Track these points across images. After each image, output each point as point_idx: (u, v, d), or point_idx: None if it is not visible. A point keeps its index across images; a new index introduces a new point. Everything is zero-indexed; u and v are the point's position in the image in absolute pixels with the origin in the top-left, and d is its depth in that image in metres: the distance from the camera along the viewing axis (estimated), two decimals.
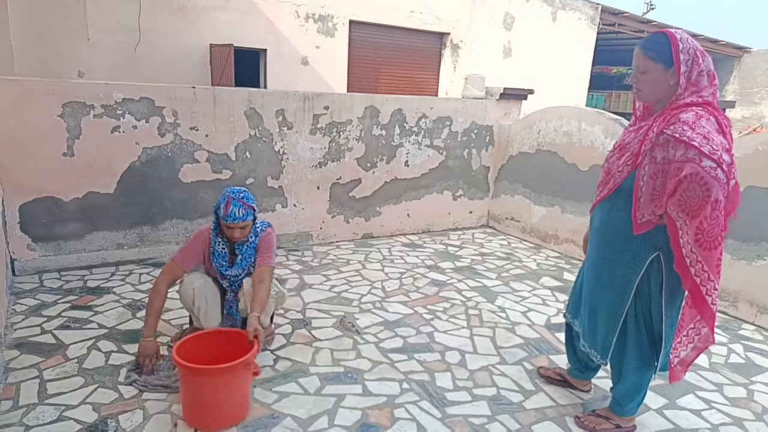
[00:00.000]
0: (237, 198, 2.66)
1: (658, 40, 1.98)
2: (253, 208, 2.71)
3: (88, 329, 3.14)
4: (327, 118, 4.74)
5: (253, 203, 2.73)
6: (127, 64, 8.11)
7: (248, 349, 2.35)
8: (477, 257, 4.92)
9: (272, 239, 2.86)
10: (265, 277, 2.73)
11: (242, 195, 2.69)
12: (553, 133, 5.18)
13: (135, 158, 4.05)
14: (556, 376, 2.82)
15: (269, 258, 2.81)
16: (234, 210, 2.63)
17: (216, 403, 2.29)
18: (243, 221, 2.65)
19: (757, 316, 3.73)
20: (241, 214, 2.64)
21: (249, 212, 2.68)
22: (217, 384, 2.27)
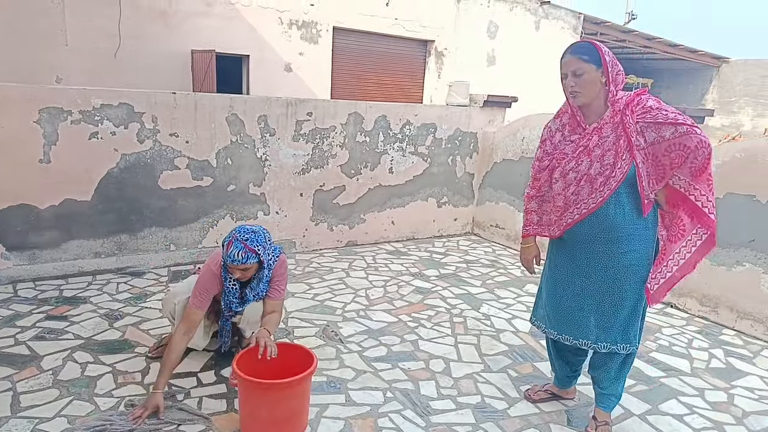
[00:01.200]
0: (240, 239, 2.47)
1: (586, 45, 2.18)
2: (255, 252, 2.48)
3: (63, 340, 3.06)
4: (310, 124, 4.71)
5: (257, 246, 2.49)
6: (106, 70, 7.99)
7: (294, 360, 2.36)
8: (462, 264, 4.91)
9: (284, 268, 2.74)
10: (277, 309, 2.70)
11: (247, 237, 2.49)
12: (536, 141, 5.20)
13: (113, 165, 3.97)
14: (546, 395, 2.75)
15: (281, 290, 2.73)
16: (234, 252, 2.45)
17: (291, 415, 2.30)
18: (242, 264, 2.47)
19: (737, 321, 3.77)
20: (241, 257, 2.45)
21: (250, 256, 2.47)
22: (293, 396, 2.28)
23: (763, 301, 3.61)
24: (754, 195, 3.64)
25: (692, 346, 3.49)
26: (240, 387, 2.28)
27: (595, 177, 2.18)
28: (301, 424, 2.35)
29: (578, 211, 2.26)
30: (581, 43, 2.20)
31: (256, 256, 2.48)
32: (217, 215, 4.47)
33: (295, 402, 2.30)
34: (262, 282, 2.65)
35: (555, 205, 2.34)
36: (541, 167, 2.37)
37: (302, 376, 2.22)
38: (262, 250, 2.51)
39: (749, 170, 3.65)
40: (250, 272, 2.55)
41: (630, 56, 17.71)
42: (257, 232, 2.54)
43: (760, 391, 2.98)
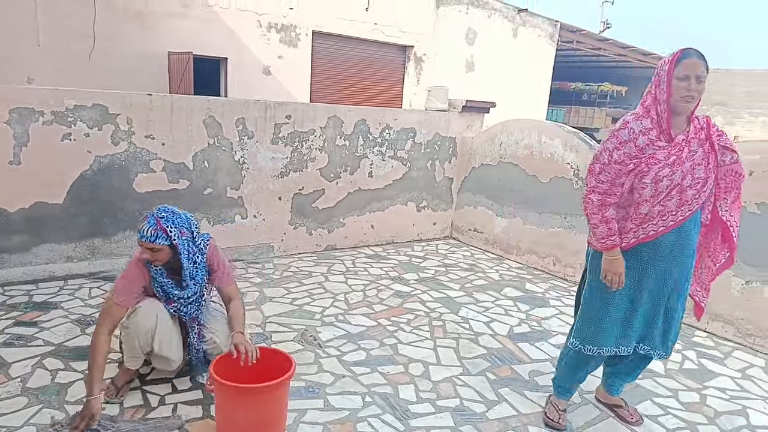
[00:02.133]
0: (156, 215, 2.35)
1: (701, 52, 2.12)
2: (166, 233, 2.31)
3: (33, 346, 2.97)
4: (289, 127, 4.68)
5: (172, 227, 2.34)
6: (80, 71, 7.84)
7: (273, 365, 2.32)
8: (441, 268, 4.92)
9: (217, 251, 2.63)
10: (234, 294, 2.63)
11: (164, 215, 2.36)
12: (514, 146, 5.26)
13: (86, 167, 3.89)
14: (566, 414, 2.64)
15: (228, 274, 2.64)
16: (144, 227, 2.31)
17: (268, 420, 2.26)
18: (149, 242, 2.29)
19: (709, 323, 3.85)
20: (150, 234, 2.29)
21: (160, 236, 2.30)
22: (270, 401, 2.24)
23: (734, 304, 3.70)
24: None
25: None
26: (216, 392, 2.24)
27: (686, 189, 2.14)
28: (278, 429, 2.32)
29: (664, 223, 2.19)
30: (696, 49, 2.12)
31: (166, 238, 2.32)
32: None
33: (273, 407, 2.27)
34: (200, 270, 2.52)
35: (637, 212, 2.21)
36: (622, 170, 2.18)
37: (279, 381, 2.19)
38: (176, 233, 2.35)
39: None
40: (161, 255, 2.36)
41: (605, 64, 18.09)
42: (178, 214, 2.42)
43: (731, 391, 3.05)
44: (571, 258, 4.78)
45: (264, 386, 2.16)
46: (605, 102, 18.36)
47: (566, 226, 4.81)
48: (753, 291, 3.60)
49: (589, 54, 15.96)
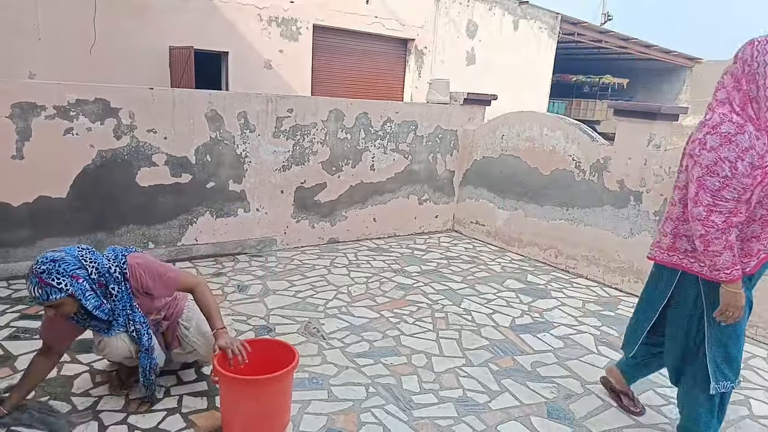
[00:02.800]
0: (36, 272, 2.02)
1: None
2: (55, 287, 2.01)
3: (38, 339, 2.97)
4: (291, 120, 4.68)
5: (59, 278, 2.02)
6: (81, 65, 7.83)
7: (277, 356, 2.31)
8: (443, 261, 4.93)
9: (144, 265, 2.28)
10: (190, 287, 2.38)
11: (43, 269, 2.02)
12: (515, 138, 5.26)
13: (89, 161, 3.90)
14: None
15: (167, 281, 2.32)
16: (30, 288, 2.02)
17: (273, 412, 2.27)
18: (46, 302, 2.04)
19: None
20: (38, 293, 2.01)
21: (50, 292, 2.01)
22: (274, 392, 2.25)
23: None
24: None
25: None
26: (221, 383, 2.26)
27: None
28: (282, 420, 2.34)
29: None
30: None
31: (57, 291, 2.02)
32: (196, 212, 4.42)
33: (277, 398, 2.29)
34: (117, 299, 2.24)
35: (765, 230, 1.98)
36: (748, 183, 1.84)
37: (283, 372, 2.20)
38: (68, 282, 2.04)
39: None
40: (66, 309, 2.11)
41: (606, 56, 18.02)
42: (59, 260, 2.06)
43: None
44: (572, 250, 4.79)
45: (267, 378, 2.18)
46: (606, 94, 18.30)
47: (568, 218, 4.81)
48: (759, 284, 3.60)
49: (590, 46, 15.89)
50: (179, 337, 2.57)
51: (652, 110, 4.18)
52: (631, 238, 4.32)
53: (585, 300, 4.18)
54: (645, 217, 4.22)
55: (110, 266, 2.23)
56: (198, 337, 2.54)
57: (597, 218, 4.57)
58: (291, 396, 2.41)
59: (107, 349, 2.33)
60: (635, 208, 4.28)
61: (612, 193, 4.44)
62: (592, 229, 4.61)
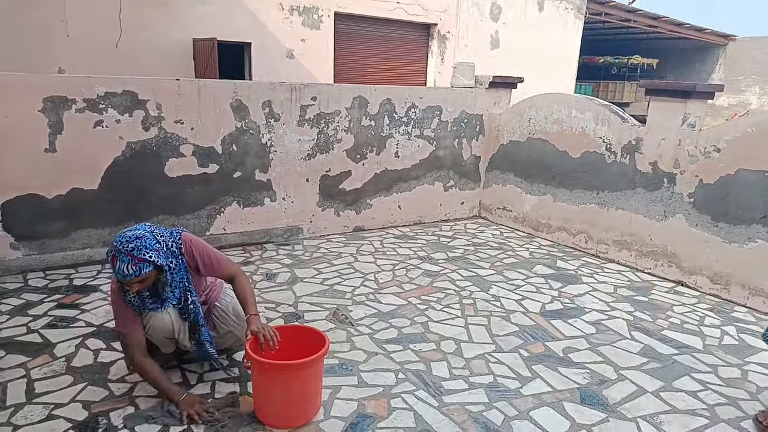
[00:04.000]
0: (125, 250, 2.13)
1: None
2: (147, 261, 2.16)
3: (75, 327, 3.07)
4: (315, 109, 4.67)
5: (147, 252, 2.17)
6: (108, 59, 7.95)
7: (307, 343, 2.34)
8: (470, 247, 4.89)
9: (195, 243, 2.43)
10: (233, 273, 2.49)
11: (131, 246, 2.14)
12: (543, 121, 5.16)
13: (119, 153, 3.96)
14: None
15: (215, 261, 2.45)
16: (122, 267, 2.13)
17: (305, 397, 2.30)
18: (137, 277, 2.17)
19: (749, 298, 3.74)
20: (131, 270, 2.13)
21: (142, 266, 2.15)
22: (306, 377, 2.27)
23: None
24: (766, 171, 3.59)
25: (704, 324, 3.47)
26: (253, 369, 2.28)
27: None
28: (314, 405, 2.35)
29: None
30: None
31: (149, 264, 2.18)
32: (223, 202, 4.46)
33: (308, 383, 2.30)
34: (177, 274, 2.35)
35: None
36: None
37: (314, 358, 2.21)
38: (155, 255, 2.20)
39: (761, 145, 3.60)
40: (150, 280, 2.25)
41: (635, 36, 17.49)
42: (141, 236, 2.20)
43: None
44: (603, 235, 4.69)
45: (299, 363, 2.19)
46: (635, 75, 17.77)
47: (598, 202, 4.71)
48: None
49: (619, 26, 15.43)
50: (215, 320, 2.65)
51: (686, 88, 4.04)
52: (665, 221, 4.20)
53: (617, 285, 4.09)
54: (679, 200, 4.10)
55: (167, 242, 2.34)
56: (235, 318, 2.64)
57: (629, 201, 4.46)
58: (322, 381, 2.42)
59: (152, 323, 2.40)
60: (669, 191, 4.16)
61: (644, 175, 4.32)
62: (624, 212, 4.50)
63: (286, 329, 2.49)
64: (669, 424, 2.41)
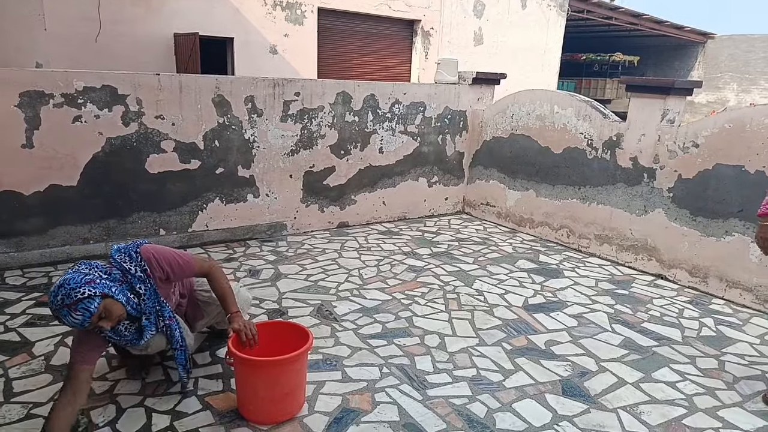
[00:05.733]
0: (58, 307, 1.91)
1: None
2: (87, 298, 1.92)
3: (54, 326, 3.02)
4: (298, 104, 4.65)
5: (80, 292, 1.91)
6: (87, 54, 7.82)
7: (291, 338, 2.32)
8: (453, 243, 4.91)
9: (157, 254, 2.24)
10: (205, 271, 2.37)
11: (60, 298, 1.90)
12: (526, 117, 5.19)
13: (98, 149, 3.90)
14: None
15: (181, 266, 2.29)
16: (68, 320, 1.93)
17: (288, 393, 2.28)
18: (92, 319, 1.94)
19: (726, 290, 3.82)
20: (78, 317, 1.91)
21: (88, 305, 1.92)
22: (288, 373, 2.25)
23: (752, 270, 3.66)
24: (742, 165, 3.66)
25: (683, 316, 3.53)
26: (236, 365, 2.27)
27: None
28: (297, 401, 2.35)
29: None
30: None
31: (90, 299, 1.93)
32: (206, 198, 4.42)
33: (291, 379, 2.29)
34: (145, 298, 2.18)
35: None
36: None
37: (297, 354, 2.21)
38: (88, 288, 1.94)
39: (738, 140, 3.67)
40: (116, 309, 2.02)
41: (617, 34, 17.69)
42: (64, 282, 1.93)
43: (750, 357, 3.03)
44: (584, 229, 4.75)
45: (281, 359, 2.19)
46: (617, 72, 17.96)
47: (580, 197, 4.76)
48: None
49: (600, 24, 15.59)
50: (201, 305, 2.63)
51: (665, 85, 4.10)
52: (645, 216, 4.27)
53: (598, 279, 4.14)
54: (659, 195, 4.16)
55: (129, 267, 2.16)
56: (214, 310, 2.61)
57: (610, 196, 4.51)
58: (306, 377, 2.42)
59: (151, 347, 2.32)
60: (649, 185, 4.22)
61: (625, 171, 4.38)
62: (605, 207, 4.56)
63: (270, 325, 2.49)
64: (648, 414, 2.45)
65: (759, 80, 16.31)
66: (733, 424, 2.41)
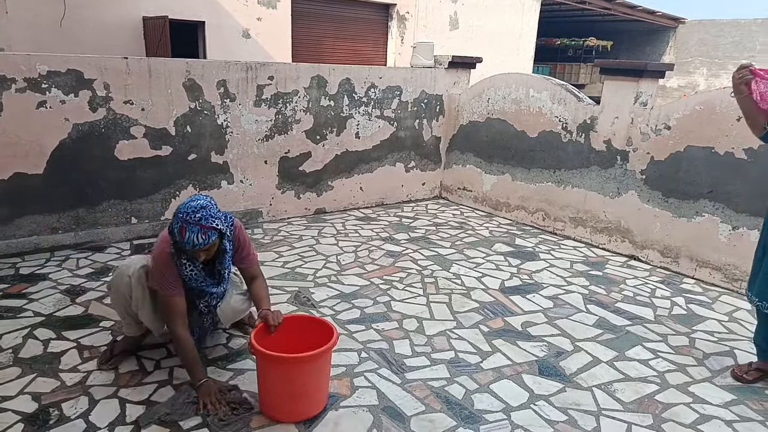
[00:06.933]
0: (193, 221, 2.16)
1: None
2: (214, 229, 2.21)
3: (22, 318, 2.94)
4: (272, 88, 4.56)
5: (213, 220, 2.21)
6: (52, 39, 7.55)
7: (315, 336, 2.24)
8: (431, 227, 4.92)
9: (242, 231, 2.51)
10: (258, 273, 2.56)
11: (199, 216, 2.17)
12: (502, 101, 5.20)
13: (65, 135, 3.77)
14: (758, 374, 2.62)
15: (251, 256, 2.55)
16: (191, 237, 2.15)
17: (307, 391, 2.20)
18: (206, 245, 2.21)
19: (697, 270, 3.91)
20: (201, 240, 2.17)
21: (210, 234, 2.20)
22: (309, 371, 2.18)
23: (721, 250, 3.75)
24: (712, 147, 3.73)
25: (655, 296, 3.61)
26: (257, 360, 2.23)
27: None
28: (317, 400, 2.25)
29: None
30: None
31: (215, 232, 2.23)
32: (178, 185, 4.33)
33: (311, 377, 2.19)
34: (226, 253, 2.42)
35: None
36: None
37: (317, 352, 2.11)
38: (219, 223, 2.25)
39: (708, 122, 3.73)
40: (213, 250, 2.32)
41: (590, 19, 17.82)
42: (206, 206, 2.22)
43: (719, 333, 3.11)
44: (559, 212, 4.80)
45: (301, 356, 2.10)
46: (591, 57, 18.10)
47: (555, 180, 4.80)
48: (740, 237, 3.64)
49: (574, 8, 15.68)
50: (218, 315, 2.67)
51: (638, 67, 4.14)
52: (618, 198, 4.33)
53: (573, 261, 4.20)
54: (632, 177, 4.22)
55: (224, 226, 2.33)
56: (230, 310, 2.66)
57: (584, 179, 4.56)
58: (328, 375, 2.33)
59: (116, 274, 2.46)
60: (622, 168, 4.28)
61: (599, 154, 4.43)
62: (579, 190, 4.61)
63: (297, 319, 2.44)
64: (622, 392, 2.50)
65: (727, 65, 16.63)
66: (703, 398, 2.48)
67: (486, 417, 2.28)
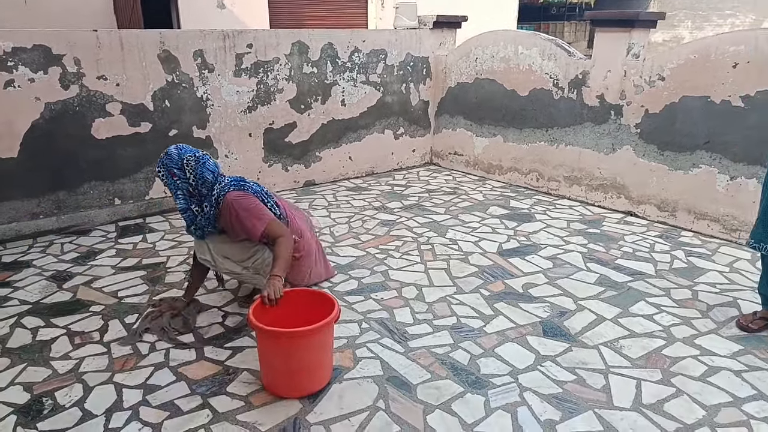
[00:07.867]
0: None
1: None
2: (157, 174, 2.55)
3: (8, 307, 2.83)
4: (251, 57, 4.38)
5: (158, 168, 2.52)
6: (16, 17, 7.19)
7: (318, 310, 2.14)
8: (424, 194, 4.83)
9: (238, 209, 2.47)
10: (276, 234, 2.49)
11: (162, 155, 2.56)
12: (490, 60, 5.05)
13: (37, 116, 3.60)
14: (763, 322, 2.59)
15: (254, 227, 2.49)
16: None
17: (317, 363, 2.14)
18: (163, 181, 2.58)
19: (694, 222, 3.87)
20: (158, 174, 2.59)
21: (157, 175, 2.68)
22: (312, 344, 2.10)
23: (719, 201, 3.71)
24: (708, 96, 3.64)
25: (655, 250, 3.57)
26: (257, 336, 2.17)
27: None
28: (321, 375, 2.18)
29: None
30: None
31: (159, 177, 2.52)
32: None
33: (313, 352, 2.12)
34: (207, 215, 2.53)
35: None
36: None
37: (317, 326, 2.02)
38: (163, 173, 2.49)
39: (703, 71, 3.64)
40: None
41: None
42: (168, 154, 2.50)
43: (721, 285, 3.09)
44: (553, 172, 4.72)
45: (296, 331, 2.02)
46: (575, 15, 17.86)
47: (548, 139, 4.71)
48: (738, 187, 3.60)
49: None
50: None
51: (630, 17, 4.01)
52: (613, 154, 4.25)
53: (569, 220, 4.14)
54: (626, 131, 4.14)
55: (215, 188, 2.50)
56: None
57: (577, 136, 4.47)
58: (331, 351, 2.25)
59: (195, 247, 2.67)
60: (616, 123, 4.19)
61: (592, 109, 4.33)
62: (573, 148, 4.52)
63: (299, 293, 2.35)
64: (629, 348, 2.47)
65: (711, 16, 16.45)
66: (711, 350, 2.45)
67: (493, 381, 2.24)
